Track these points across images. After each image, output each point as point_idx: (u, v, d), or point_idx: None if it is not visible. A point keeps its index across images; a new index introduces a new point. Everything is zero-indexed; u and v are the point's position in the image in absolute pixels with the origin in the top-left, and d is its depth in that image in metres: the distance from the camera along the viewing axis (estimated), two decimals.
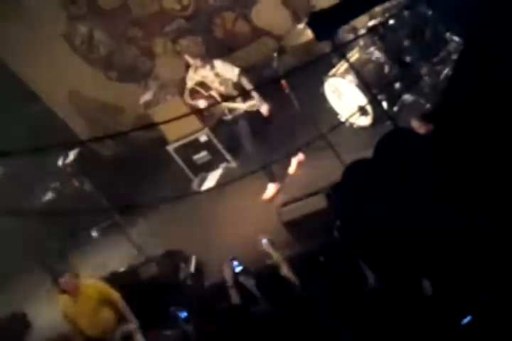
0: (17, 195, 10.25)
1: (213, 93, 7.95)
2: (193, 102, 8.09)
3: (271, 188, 8.16)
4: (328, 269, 5.29)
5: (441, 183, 3.17)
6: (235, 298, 5.30)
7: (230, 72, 7.93)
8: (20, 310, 8.95)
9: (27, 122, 11.04)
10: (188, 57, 8.05)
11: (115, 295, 6.77)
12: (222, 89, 8.00)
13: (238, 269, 5.44)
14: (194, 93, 8.04)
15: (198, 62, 8.02)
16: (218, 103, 8.00)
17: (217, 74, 7.99)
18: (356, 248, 3.51)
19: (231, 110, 8.02)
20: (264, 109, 7.89)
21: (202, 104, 7.94)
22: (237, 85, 7.98)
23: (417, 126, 5.61)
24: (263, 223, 7.41)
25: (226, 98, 7.96)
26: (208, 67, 8.03)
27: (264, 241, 5.57)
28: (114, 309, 6.75)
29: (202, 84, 8.02)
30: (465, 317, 3.17)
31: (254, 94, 7.86)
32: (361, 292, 4.32)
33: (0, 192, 9.72)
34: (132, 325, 6.61)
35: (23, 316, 8.74)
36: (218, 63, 8.02)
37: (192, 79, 8.13)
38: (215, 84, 8.00)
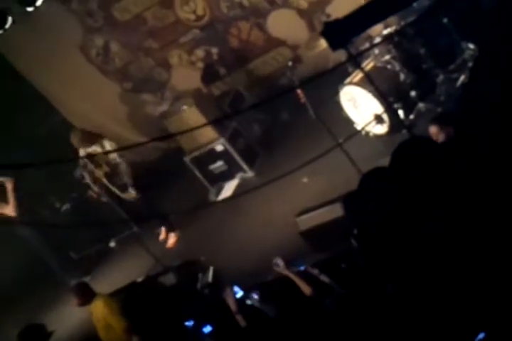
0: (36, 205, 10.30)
1: None
2: None
3: (171, 237, 9.02)
4: (346, 279, 5.27)
5: (458, 191, 3.16)
6: (241, 322, 5.39)
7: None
8: (39, 320, 8.97)
9: (44, 134, 11.13)
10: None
11: (119, 326, 6.25)
12: None
13: (239, 295, 5.48)
14: None
15: None
16: None
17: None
18: (374, 256, 3.50)
19: None
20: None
21: None
22: None
23: (436, 131, 5.49)
24: (280, 232, 7.42)
25: None
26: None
27: (280, 262, 5.47)
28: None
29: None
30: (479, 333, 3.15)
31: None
32: (380, 300, 4.31)
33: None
34: None
35: (43, 327, 8.75)
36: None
37: None
38: None
